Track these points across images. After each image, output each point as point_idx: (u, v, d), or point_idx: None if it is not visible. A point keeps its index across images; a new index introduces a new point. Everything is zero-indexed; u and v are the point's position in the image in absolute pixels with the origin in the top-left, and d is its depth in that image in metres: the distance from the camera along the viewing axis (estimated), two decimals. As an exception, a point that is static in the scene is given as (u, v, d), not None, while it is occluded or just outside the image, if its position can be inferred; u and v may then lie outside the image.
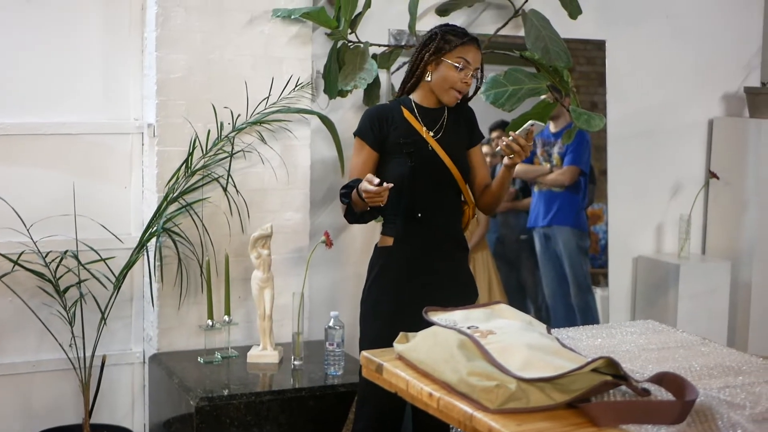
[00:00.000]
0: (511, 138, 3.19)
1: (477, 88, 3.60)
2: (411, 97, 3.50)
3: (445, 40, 3.41)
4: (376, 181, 3.16)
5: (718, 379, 2.32)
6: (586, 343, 2.62)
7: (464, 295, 3.46)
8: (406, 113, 3.45)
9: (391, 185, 3.16)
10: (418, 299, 3.29)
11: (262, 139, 4.14)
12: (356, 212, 3.36)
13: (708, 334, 3.52)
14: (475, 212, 3.57)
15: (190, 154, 4.00)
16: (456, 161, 3.44)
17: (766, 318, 5.28)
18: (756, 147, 5.18)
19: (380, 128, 3.43)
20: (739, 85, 5.46)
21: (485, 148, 4.75)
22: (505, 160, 3.27)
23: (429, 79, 3.43)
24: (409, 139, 3.41)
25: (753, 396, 2.19)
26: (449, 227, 3.49)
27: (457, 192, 3.49)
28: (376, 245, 3.52)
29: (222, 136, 4.05)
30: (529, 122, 3.18)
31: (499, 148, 3.23)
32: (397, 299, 3.40)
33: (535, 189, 4.91)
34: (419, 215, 3.41)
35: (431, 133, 3.44)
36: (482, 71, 3.53)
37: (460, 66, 3.37)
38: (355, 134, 3.48)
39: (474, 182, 3.55)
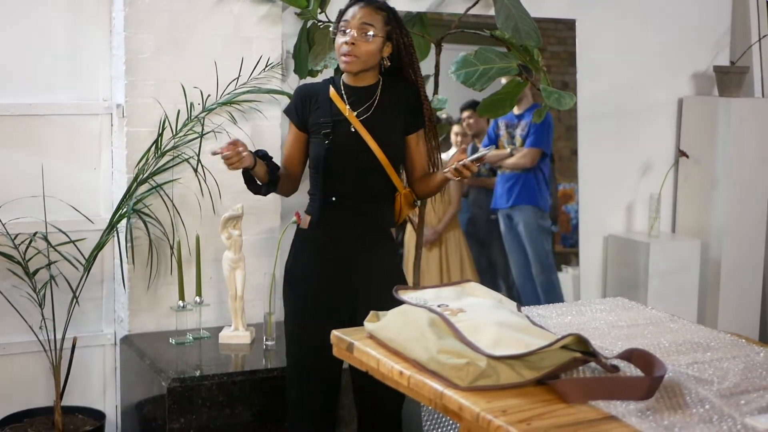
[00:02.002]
0: (462, 163, 3.05)
1: (402, 58, 3.37)
2: (343, 77, 3.37)
3: (338, 15, 3.35)
4: (230, 140, 3.15)
5: (687, 355, 2.34)
6: (556, 320, 2.63)
7: (387, 283, 3.23)
8: (332, 92, 3.33)
9: (236, 140, 3.15)
10: (333, 282, 3.31)
11: (233, 120, 4.12)
12: (251, 183, 3.33)
13: (678, 312, 3.54)
14: (410, 200, 3.41)
15: (160, 134, 3.98)
16: (383, 144, 3.29)
17: (736, 296, 5.33)
18: (725, 125, 5.21)
19: (303, 107, 3.33)
20: (708, 64, 5.48)
21: (456, 128, 4.75)
22: (448, 174, 3.12)
23: None
24: (328, 118, 3.28)
25: (721, 371, 2.21)
26: (369, 213, 3.34)
27: (382, 177, 3.32)
28: (297, 225, 3.45)
29: (192, 117, 4.03)
30: (484, 150, 3.08)
31: (447, 170, 3.09)
32: (314, 280, 3.33)
33: (498, 171, 4.92)
34: (333, 199, 3.31)
35: (355, 113, 3.29)
36: (392, 26, 3.30)
37: (341, 30, 3.27)
38: (284, 112, 3.42)
39: (408, 170, 3.41)
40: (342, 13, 3.33)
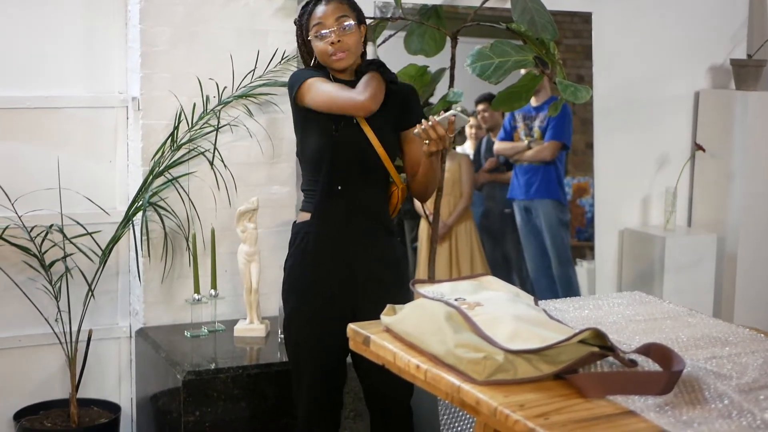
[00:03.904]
0: (430, 123, 3.03)
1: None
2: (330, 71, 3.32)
3: (303, 19, 3.30)
4: None
5: (705, 350, 2.33)
6: (573, 314, 2.62)
7: (389, 277, 3.33)
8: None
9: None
10: (337, 276, 3.27)
11: (249, 113, 4.12)
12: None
13: (694, 306, 3.53)
14: (405, 195, 3.38)
15: (176, 127, 3.98)
16: (381, 138, 3.26)
17: (752, 290, 5.30)
18: (742, 119, 5.18)
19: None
20: (725, 57, 5.45)
21: (471, 120, 4.74)
22: (423, 147, 3.13)
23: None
24: None
25: (739, 366, 2.20)
26: (371, 207, 3.31)
27: (382, 172, 3.30)
28: (294, 222, 3.40)
29: (208, 110, 4.03)
30: (452, 111, 3.03)
31: (416, 131, 3.07)
32: (317, 276, 3.28)
33: (515, 163, 4.90)
34: (339, 188, 3.25)
35: None
36: (355, 8, 3.30)
37: (319, 34, 3.23)
38: (307, 78, 3.24)
39: (406, 165, 3.39)
40: (306, 18, 3.28)
